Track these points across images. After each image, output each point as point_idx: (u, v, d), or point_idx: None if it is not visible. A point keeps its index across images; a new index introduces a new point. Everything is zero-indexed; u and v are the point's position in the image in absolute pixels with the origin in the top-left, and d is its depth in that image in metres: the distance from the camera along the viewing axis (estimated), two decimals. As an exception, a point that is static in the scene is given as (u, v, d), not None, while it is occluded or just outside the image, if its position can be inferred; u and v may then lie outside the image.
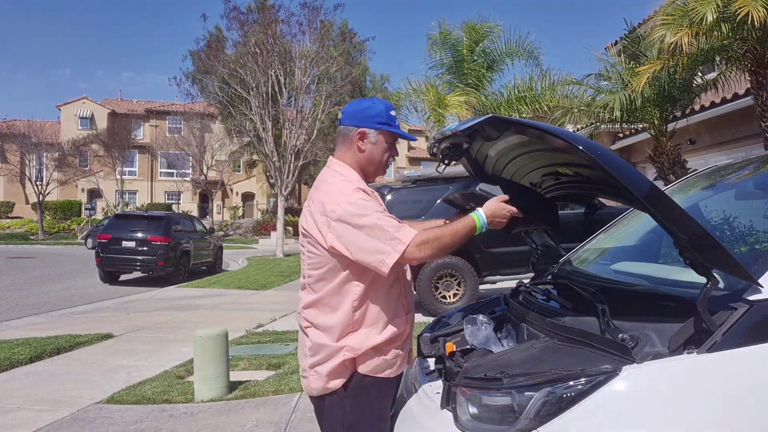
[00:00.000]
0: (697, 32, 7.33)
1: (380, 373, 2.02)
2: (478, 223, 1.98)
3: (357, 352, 1.98)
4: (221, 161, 40.57)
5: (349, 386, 2.01)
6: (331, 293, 1.99)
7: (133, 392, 4.92)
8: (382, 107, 2.09)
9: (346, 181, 2.03)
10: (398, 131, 2.09)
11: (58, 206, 42.04)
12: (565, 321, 1.98)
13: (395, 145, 2.14)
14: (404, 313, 2.09)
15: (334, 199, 1.95)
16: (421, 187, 8.80)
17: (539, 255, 2.84)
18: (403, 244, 1.86)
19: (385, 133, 2.08)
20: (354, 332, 1.99)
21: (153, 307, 10.28)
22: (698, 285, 1.64)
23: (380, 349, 2.01)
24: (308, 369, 2.05)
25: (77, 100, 47.38)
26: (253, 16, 23.03)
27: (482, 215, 2.00)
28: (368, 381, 2.01)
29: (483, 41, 14.12)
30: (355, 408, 2.01)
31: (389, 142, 2.10)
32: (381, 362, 2.02)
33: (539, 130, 1.80)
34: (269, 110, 21.89)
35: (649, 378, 1.56)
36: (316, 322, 2.04)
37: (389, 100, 15.04)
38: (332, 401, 2.03)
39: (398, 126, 2.10)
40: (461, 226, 1.97)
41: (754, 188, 2.70)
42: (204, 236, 17.20)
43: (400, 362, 2.09)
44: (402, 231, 1.88)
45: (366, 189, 2.01)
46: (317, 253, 1.99)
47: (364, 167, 2.10)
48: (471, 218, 1.99)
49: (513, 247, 7.89)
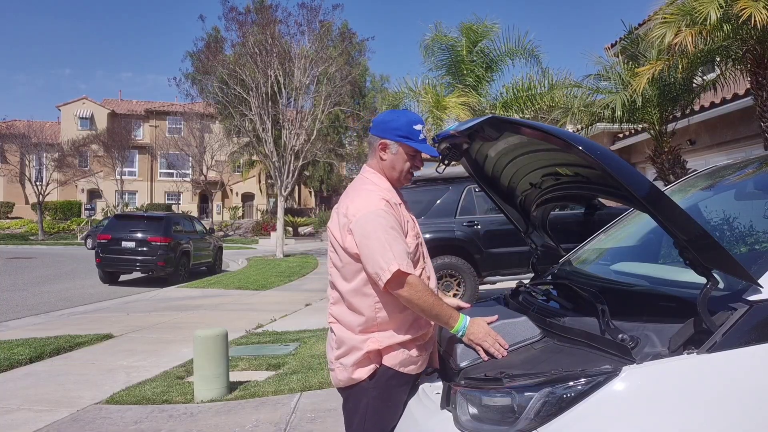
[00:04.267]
0: (699, 32, 7.33)
1: (404, 368, 2.10)
2: (456, 326, 2.02)
3: (381, 344, 2.06)
4: (221, 161, 40.58)
5: (374, 377, 2.09)
6: (352, 293, 2.10)
7: (132, 392, 4.92)
8: (404, 120, 2.19)
9: (373, 189, 2.15)
10: (416, 145, 2.17)
11: (57, 207, 42.04)
12: (565, 321, 1.99)
13: (419, 156, 2.21)
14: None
15: (357, 205, 2.09)
16: (421, 188, 8.80)
17: (539, 255, 2.84)
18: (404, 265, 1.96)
19: (405, 146, 2.17)
20: (379, 331, 2.09)
21: (153, 308, 10.27)
22: (698, 285, 1.64)
23: (405, 345, 2.10)
24: (334, 361, 2.16)
25: (77, 100, 47.39)
26: (251, 16, 23.01)
27: (465, 327, 2.01)
28: (392, 374, 2.09)
29: (481, 41, 14.09)
30: (379, 400, 2.10)
31: (410, 154, 2.19)
32: (406, 357, 2.10)
33: (539, 130, 1.80)
34: (269, 110, 21.87)
35: (649, 378, 1.55)
36: (341, 319, 2.14)
37: (388, 101, 15.06)
38: (358, 392, 2.12)
39: (421, 139, 2.18)
40: (444, 313, 2.03)
41: (754, 189, 2.70)
42: (204, 236, 17.19)
43: (422, 361, 2.17)
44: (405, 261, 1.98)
45: (390, 200, 2.11)
46: (338, 252, 2.12)
47: (388, 175, 2.22)
48: (457, 318, 2.03)
49: (513, 248, 7.90)
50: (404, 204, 2.26)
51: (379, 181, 2.20)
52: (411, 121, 2.18)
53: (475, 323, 2.01)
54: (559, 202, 2.81)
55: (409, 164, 2.19)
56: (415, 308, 2.02)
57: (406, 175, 2.22)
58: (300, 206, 47.56)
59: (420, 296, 1.99)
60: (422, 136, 2.18)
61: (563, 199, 2.82)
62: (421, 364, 2.16)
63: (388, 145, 2.18)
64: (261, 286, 13.36)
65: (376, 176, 2.21)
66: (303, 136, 22.35)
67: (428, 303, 2.01)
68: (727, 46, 8.29)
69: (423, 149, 2.19)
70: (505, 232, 7.67)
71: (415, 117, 2.23)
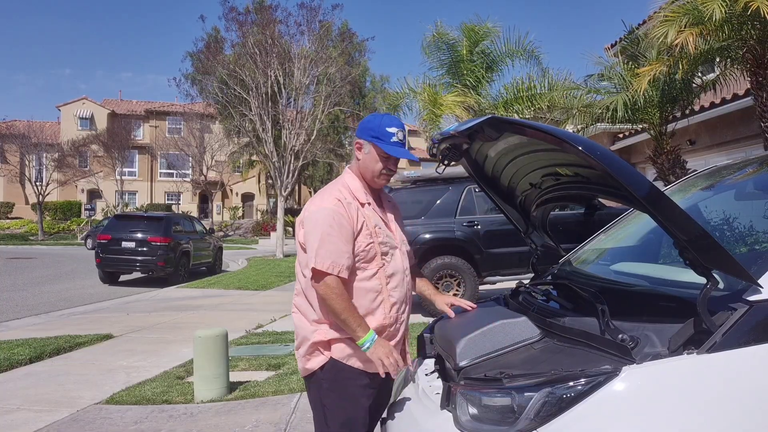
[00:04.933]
0: (701, 32, 7.31)
1: (352, 361, 2.15)
2: (362, 339, 2.07)
3: (327, 336, 2.14)
4: (221, 162, 40.57)
5: (324, 369, 2.16)
6: (307, 285, 2.18)
7: (132, 393, 4.92)
8: (379, 122, 2.23)
9: (336, 187, 2.23)
10: (384, 146, 2.19)
11: (57, 207, 42.02)
12: (565, 321, 1.99)
13: (392, 159, 2.24)
14: (385, 313, 2.19)
15: (314, 201, 2.22)
16: (420, 188, 8.81)
17: (539, 255, 2.84)
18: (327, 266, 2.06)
19: (376, 147, 2.21)
20: (327, 323, 2.16)
21: (153, 308, 10.27)
22: (698, 285, 1.64)
23: (352, 340, 2.13)
24: (296, 352, 2.30)
25: (77, 100, 47.36)
26: (251, 17, 23.02)
27: (372, 341, 2.07)
28: (341, 367, 2.15)
29: (482, 42, 14.10)
30: (331, 392, 2.16)
31: (381, 155, 2.22)
32: (353, 351, 2.14)
33: (539, 130, 1.80)
34: (269, 111, 21.88)
35: (649, 378, 1.55)
36: (301, 310, 2.26)
37: (388, 101, 15.05)
38: (314, 383, 2.21)
39: (393, 142, 2.19)
40: (353, 322, 2.07)
41: (753, 189, 2.70)
42: (204, 237, 17.19)
43: None
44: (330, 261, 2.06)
45: (344, 198, 2.16)
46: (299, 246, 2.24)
47: (364, 175, 2.27)
48: (365, 332, 2.07)
49: (513, 248, 7.90)
50: (381, 204, 2.31)
51: (351, 180, 2.26)
52: (386, 124, 2.21)
53: (381, 342, 2.10)
54: (559, 202, 2.82)
55: (381, 165, 2.22)
56: (328, 308, 2.10)
57: (380, 176, 2.24)
58: (300, 206, 47.53)
59: (332, 298, 2.07)
60: (395, 139, 2.19)
61: (563, 199, 2.82)
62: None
63: (362, 144, 2.24)
64: (261, 286, 13.35)
65: (350, 176, 2.28)
66: (303, 136, 22.35)
67: (339, 307, 2.07)
68: (727, 46, 8.28)
69: (390, 151, 2.19)
70: (505, 232, 7.67)
71: (392, 120, 2.24)
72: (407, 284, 2.31)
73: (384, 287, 2.20)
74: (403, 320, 2.29)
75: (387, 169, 2.24)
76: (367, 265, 2.18)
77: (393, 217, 2.36)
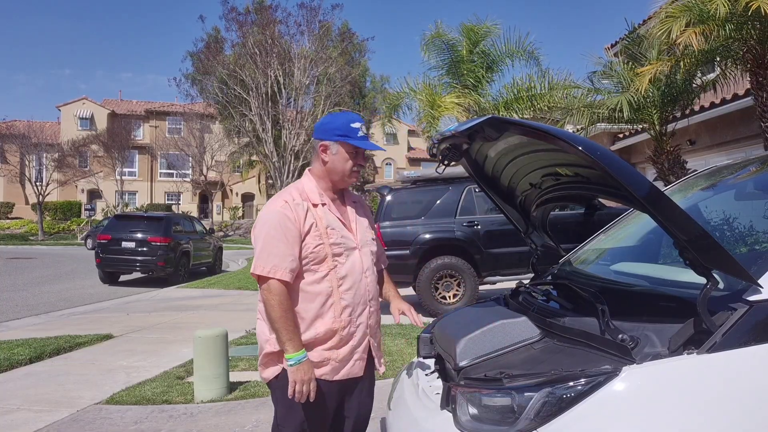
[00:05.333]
0: (702, 31, 7.30)
1: None
2: (290, 355, 2.04)
3: (276, 347, 2.11)
4: (221, 162, 40.58)
5: (279, 378, 2.14)
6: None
7: (132, 393, 4.92)
8: (342, 120, 2.23)
9: (287, 189, 2.23)
10: (354, 142, 2.20)
11: (57, 207, 42.02)
12: (565, 321, 1.98)
13: (361, 154, 2.24)
14: (335, 316, 2.15)
15: (266, 205, 2.23)
16: (420, 188, 8.81)
17: (539, 256, 2.84)
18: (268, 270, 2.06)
19: (345, 144, 2.20)
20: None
21: (153, 308, 10.27)
22: (698, 285, 1.64)
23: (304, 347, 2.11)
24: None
25: (77, 100, 47.38)
26: (251, 17, 23.05)
27: (295, 361, 2.04)
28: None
29: (482, 42, 14.10)
30: (280, 402, 2.15)
31: (350, 153, 2.21)
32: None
33: (539, 130, 1.80)
34: (269, 111, 21.92)
35: (649, 378, 1.55)
36: (262, 316, 2.22)
37: (388, 101, 15.04)
38: (272, 391, 2.24)
39: (361, 137, 2.21)
40: (285, 334, 2.04)
41: (754, 189, 2.70)
42: (204, 237, 17.18)
43: (332, 366, 2.16)
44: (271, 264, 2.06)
45: (292, 200, 2.15)
46: None
47: (331, 177, 2.25)
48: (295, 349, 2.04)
49: (513, 248, 7.90)
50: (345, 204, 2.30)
51: (307, 182, 2.26)
52: (349, 120, 2.22)
53: (306, 367, 2.05)
54: (559, 202, 2.81)
55: (351, 163, 2.22)
56: (267, 312, 2.08)
57: (350, 174, 2.24)
58: (300, 206, 47.44)
59: (271, 304, 2.05)
60: (361, 133, 2.21)
61: (563, 200, 2.82)
62: (332, 368, 2.15)
63: (328, 146, 2.22)
64: (261, 286, 13.33)
65: (307, 177, 2.28)
66: (303, 136, 22.38)
67: (274, 315, 2.05)
68: (728, 46, 8.28)
69: (361, 145, 2.21)
70: (505, 232, 7.67)
71: (353, 116, 2.26)
72: (368, 286, 2.25)
73: (335, 290, 2.15)
74: (360, 323, 2.22)
75: (357, 165, 2.24)
76: (318, 267, 2.14)
77: (357, 217, 2.32)
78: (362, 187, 38.08)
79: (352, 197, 2.39)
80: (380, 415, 2.51)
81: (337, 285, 2.15)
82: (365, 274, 2.24)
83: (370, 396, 2.35)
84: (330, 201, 2.24)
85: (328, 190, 2.26)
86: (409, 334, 6.73)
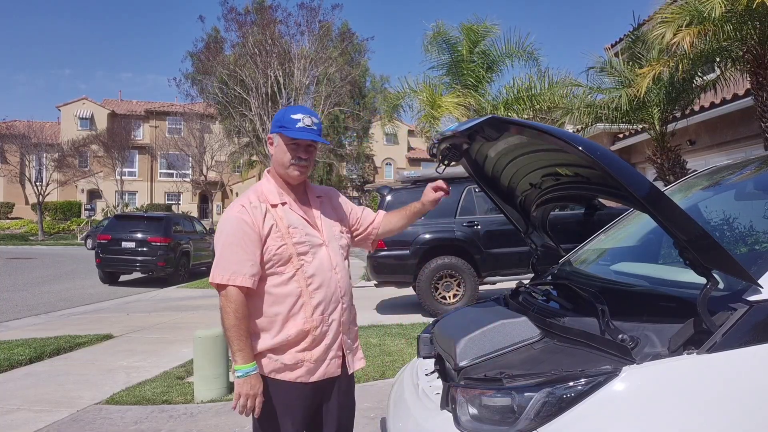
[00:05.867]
0: (699, 32, 7.31)
1: (278, 375, 2.09)
2: (240, 366, 2.01)
3: (254, 351, 2.07)
4: (221, 162, 40.58)
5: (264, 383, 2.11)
6: None
7: (132, 393, 4.92)
8: (284, 112, 2.18)
9: (245, 193, 2.18)
10: (289, 132, 2.11)
11: (57, 207, 42.02)
12: (565, 322, 1.98)
13: (301, 146, 2.15)
14: (306, 317, 2.10)
15: (225, 211, 2.18)
16: (420, 188, 8.76)
17: (539, 256, 2.84)
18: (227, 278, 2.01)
19: (282, 136, 2.14)
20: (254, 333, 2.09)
21: (153, 308, 10.27)
22: (698, 285, 1.64)
23: (275, 351, 2.09)
24: None
25: (77, 100, 47.36)
26: (251, 17, 23.06)
27: (243, 373, 2.01)
28: (269, 381, 2.09)
29: (482, 42, 14.09)
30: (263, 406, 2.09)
31: (289, 145, 2.14)
32: (279, 365, 2.09)
33: (539, 130, 1.80)
34: (269, 111, 21.90)
35: (649, 378, 1.55)
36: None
37: (388, 100, 15.04)
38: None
39: (300, 128, 2.11)
40: (237, 343, 2.01)
41: (754, 189, 2.70)
42: (204, 237, 17.18)
43: (307, 367, 2.11)
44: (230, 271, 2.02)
45: (248, 203, 2.10)
46: None
47: (280, 172, 2.19)
48: (245, 360, 2.01)
49: (513, 248, 7.90)
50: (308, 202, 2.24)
51: (265, 183, 2.21)
52: (290, 111, 2.16)
53: (254, 380, 2.02)
54: (559, 203, 2.81)
55: (290, 155, 2.13)
56: (223, 320, 2.04)
57: (290, 167, 2.14)
58: (300, 206, 47.43)
59: (226, 311, 2.01)
60: (302, 124, 2.11)
61: (563, 200, 2.82)
62: (307, 370, 2.11)
63: (272, 138, 2.19)
64: (261, 286, 13.33)
65: (266, 178, 2.23)
66: (303, 137, 22.35)
67: (228, 323, 2.01)
68: (728, 46, 8.28)
69: (294, 134, 2.10)
70: (505, 232, 7.68)
71: (298, 108, 2.18)
72: (338, 282, 2.18)
73: (304, 289, 2.09)
74: (333, 320, 2.16)
75: (297, 158, 2.13)
76: (283, 268, 2.08)
77: (323, 213, 2.25)
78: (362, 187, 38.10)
79: (316, 192, 2.31)
80: (380, 415, 2.50)
81: (306, 284, 2.09)
82: (335, 270, 2.17)
83: (349, 395, 2.29)
84: (291, 200, 2.18)
85: (285, 187, 2.19)
86: (409, 334, 6.73)
